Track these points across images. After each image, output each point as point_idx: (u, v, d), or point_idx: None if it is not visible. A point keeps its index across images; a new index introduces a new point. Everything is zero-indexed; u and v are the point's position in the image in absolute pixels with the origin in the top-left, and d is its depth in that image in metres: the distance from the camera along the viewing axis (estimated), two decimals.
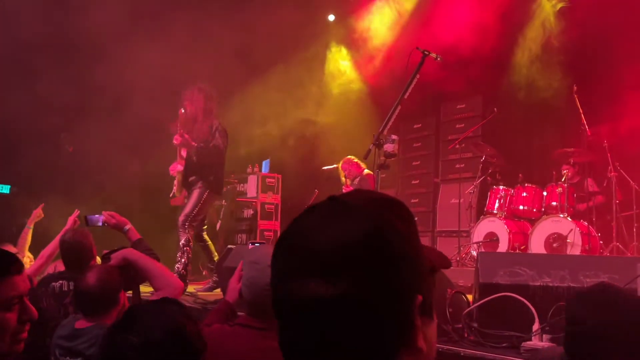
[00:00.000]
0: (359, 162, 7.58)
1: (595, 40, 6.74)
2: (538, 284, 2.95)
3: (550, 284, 2.94)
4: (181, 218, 5.87)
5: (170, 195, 6.25)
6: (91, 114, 7.80)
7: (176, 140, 5.95)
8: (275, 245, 0.89)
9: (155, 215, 7.30)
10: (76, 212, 4.72)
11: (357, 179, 7.47)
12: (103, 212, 3.89)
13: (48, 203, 5.74)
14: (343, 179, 7.75)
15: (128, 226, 3.91)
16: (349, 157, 7.69)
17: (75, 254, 3.76)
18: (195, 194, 5.94)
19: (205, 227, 6.31)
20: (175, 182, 6.13)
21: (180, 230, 5.83)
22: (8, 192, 7.86)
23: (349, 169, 7.61)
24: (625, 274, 2.70)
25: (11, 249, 4.79)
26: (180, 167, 6.05)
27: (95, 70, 7.41)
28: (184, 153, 6.03)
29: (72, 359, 2.80)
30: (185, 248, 5.76)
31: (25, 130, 7.58)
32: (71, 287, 3.62)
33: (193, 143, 5.92)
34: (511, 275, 2.97)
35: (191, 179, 6.04)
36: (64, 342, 2.85)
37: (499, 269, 3.03)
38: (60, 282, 3.67)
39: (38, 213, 5.46)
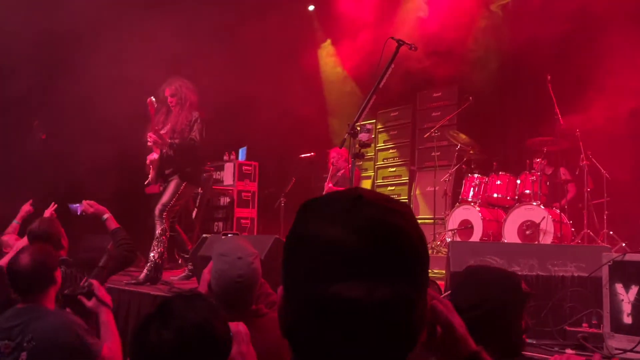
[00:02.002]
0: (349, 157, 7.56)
1: (569, 30, 6.80)
2: None
3: (520, 273, 2.98)
4: (158, 208, 5.83)
5: (145, 182, 6.20)
6: (65, 100, 7.68)
7: (150, 139, 5.88)
8: (300, 245, 0.87)
9: (130, 202, 7.25)
10: (53, 206, 4.66)
11: (342, 172, 7.46)
12: (83, 201, 3.87)
13: (20, 193, 5.66)
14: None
15: (106, 215, 3.90)
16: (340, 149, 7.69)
17: (42, 243, 3.71)
18: (172, 185, 5.91)
19: (176, 218, 6.24)
20: (151, 171, 6.08)
21: (157, 220, 5.80)
22: None
23: (337, 158, 7.57)
24: (591, 263, 2.75)
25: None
26: (155, 156, 6.00)
27: (72, 59, 7.29)
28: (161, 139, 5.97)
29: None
30: (161, 237, 5.74)
31: None
32: None
33: (168, 140, 5.86)
34: (482, 264, 3.00)
35: (168, 171, 5.99)
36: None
37: (469, 258, 3.06)
38: None
39: (27, 209, 5.34)
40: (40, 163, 7.76)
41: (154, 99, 5.80)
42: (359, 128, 4.41)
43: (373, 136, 4.48)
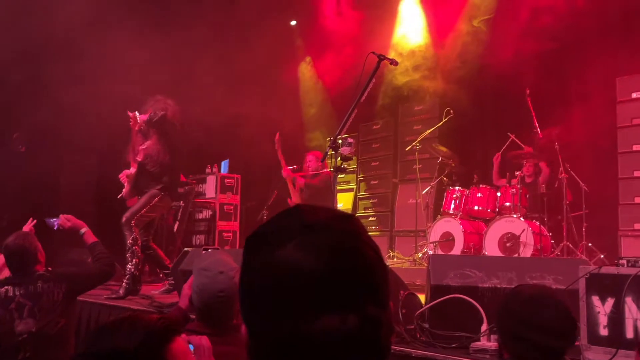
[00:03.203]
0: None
1: (550, 45, 6.92)
2: (487, 285, 3.02)
3: (499, 286, 3.01)
4: (126, 215, 5.69)
5: (119, 196, 6.09)
6: (45, 113, 7.62)
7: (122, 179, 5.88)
8: (260, 279, 0.87)
9: (109, 216, 7.18)
10: (31, 222, 4.57)
11: (317, 177, 7.42)
12: (60, 216, 3.83)
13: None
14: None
15: (84, 229, 3.87)
16: (318, 152, 7.67)
17: (18, 258, 3.66)
18: (147, 195, 5.83)
19: (151, 236, 6.15)
20: (126, 184, 5.99)
21: (125, 228, 5.66)
22: None
23: (314, 160, 7.52)
24: (568, 276, 2.79)
25: None
26: (132, 170, 5.90)
27: (53, 71, 7.24)
28: (139, 157, 5.87)
29: None
30: (133, 247, 5.63)
31: None
32: (17, 293, 3.55)
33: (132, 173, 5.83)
34: (461, 277, 3.03)
35: (144, 184, 5.92)
36: None
37: (449, 270, 3.09)
38: (6, 287, 3.58)
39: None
40: (19, 176, 7.67)
41: (137, 114, 5.72)
42: (340, 141, 4.44)
43: (355, 149, 4.49)
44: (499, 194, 7.13)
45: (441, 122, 8.11)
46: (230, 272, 2.64)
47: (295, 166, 8.24)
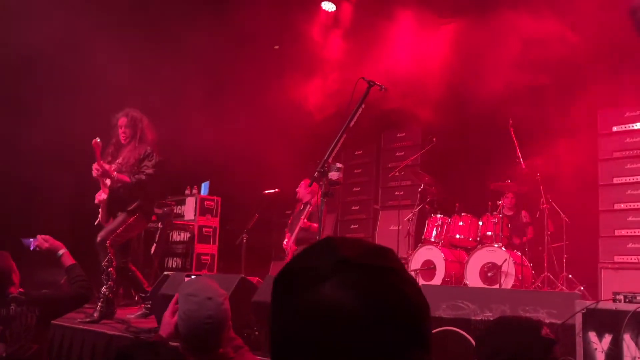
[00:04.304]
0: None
1: (533, 77, 7.00)
2: (479, 318, 2.96)
3: (492, 318, 2.95)
4: (101, 234, 5.51)
5: (96, 222, 5.90)
6: (20, 130, 7.45)
7: (94, 172, 5.56)
8: (297, 323, 0.81)
9: (84, 237, 6.99)
10: None
11: (310, 207, 7.35)
12: (38, 236, 3.68)
13: None
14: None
15: (62, 251, 3.73)
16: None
17: None
18: (122, 216, 5.67)
19: (129, 257, 5.98)
20: (101, 210, 5.81)
21: (100, 248, 5.48)
22: None
23: (305, 193, 7.45)
24: (563, 310, 2.74)
25: None
26: (104, 196, 5.73)
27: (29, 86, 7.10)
28: (107, 181, 5.68)
29: None
30: (108, 269, 5.45)
31: None
32: None
33: (113, 174, 5.53)
34: (453, 308, 2.97)
35: (117, 207, 5.73)
36: None
37: (441, 302, 3.03)
38: None
39: None
40: None
41: (99, 140, 5.44)
42: (326, 168, 4.39)
43: (342, 175, 4.45)
44: (480, 222, 7.13)
45: (424, 150, 8.12)
46: (219, 299, 2.57)
47: (277, 189, 8.18)
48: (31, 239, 3.88)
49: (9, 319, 3.40)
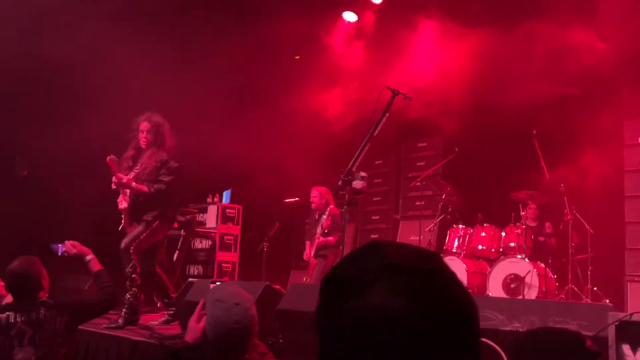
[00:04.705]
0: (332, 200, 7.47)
1: (559, 87, 6.95)
2: (508, 328, 2.93)
3: (520, 329, 2.92)
4: (125, 241, 5.54)
5: (119, 228, 5.93)
6: (46, 138, 7.56)
7: (113, 186, 5.60)
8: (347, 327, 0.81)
9: (109, 244, 7.06)
10: None
11: (325, 216, 7.36)
12: (66, 242, 3.73)
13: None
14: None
15: (89, 257, 3.78)
16: (323, 187, 7.60)
17: (19, 283, 3.55)
18: (144, 222, 5.68)
19: (156, 262, 6.00)
20: (123, 216, 5.84)
21: (124, 255, 5.52)
22: None
23: (318, 197, 7.46)
24: (594, 322, 2.71)
25: None
26: (125, 204, 5.75)
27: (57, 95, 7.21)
28: (127, 190, 5.69)
29: None
30: (132, 275, 5.50)
31: None
32: (18, 319, 3.43)
33: (132, 185, 5.56)
34: (482, 319, 2.94)
35: (139, 213, 5.74)
36: None
37: None
38: (7, 313, 3.47)
39: None
40: (21, 200, 7.57)
41: (114, 156, 5.50)
42: (350, 177, 4.39)
43: (367, 184, 4.44)
44: (503, 233, 7.06)
45: (446, 159, 8.08)
46: (246, 304, 2.59)
47: (297, 198, 8.19)
48: (59, 245, 3.94)
49: (38, 324, 3.44)
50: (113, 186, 5.62)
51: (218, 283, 3.90)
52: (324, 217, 7.35)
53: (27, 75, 7.37)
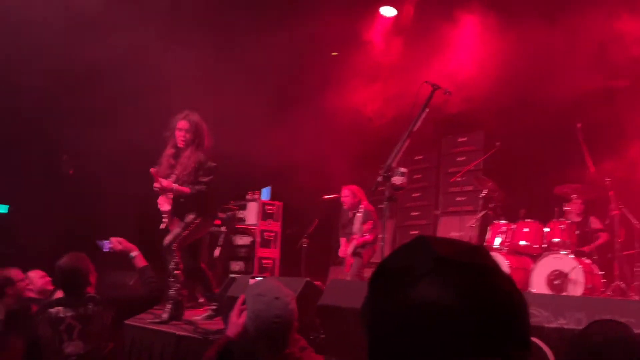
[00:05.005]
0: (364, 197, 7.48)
1: (605, 79, 6.78)
2: (553, 325, 2.87)
3: (566, 326, 2.86)
4: (168, 238, 5.65)
5: (162, 227, 6.02)
6: (92, 137, 7.76)
7: (155, 189, 5.71)
8: (396, 320, 0.82)
9: (152, 242, 7.21)
10: None
11: (360, 213, 7.37)
12: (111, 238, 3.83)
13: (46, 225, 5.65)
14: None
15: (135, 253, 3.87)
16: (354, 186, 7.61)
17: (68, 279, 3.67)
18: (187, 219, 5.77)
19: (199, 257, 6.11)
20: (166, 214, 5.93)
21: (167, 252, 5.62)
22: (6, 211, 7.77)
23: (350, 196, 7.47)
24: None
25: (18, 274, 4.67)
26: (167, 206, 5.81)
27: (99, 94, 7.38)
28: (170, 195, 5.79)
29: None
30: (175, 272, 5.59)
31: (26, 150, 7.51)
32: (67, 314, 3.54)
33: (174, 188, 5.65)
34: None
35: (181, 211, 5.83)
36: None
37: None
38: (57, 308, 3.58)
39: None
40: (68, 198, 7.80)
41: (156, 169, 5.64)
42: (390, 172, 4.38)
43: (407, 179, 4.43)
44: (546, 229, 6.91)
45: (487, 154, 7.96)
46: (286, 299, 2.63)
47: (336, 195, 8.20)
48: (105, 241, 4.04)
49: (87, 318, 3.54)
50: (155, 190, 5.73)
51: (258, 279, 3.95)
52: (358, 214, 7.36)
53: (73, 77, 7.57)
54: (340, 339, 3.87)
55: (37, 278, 4.90)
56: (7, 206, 7.86)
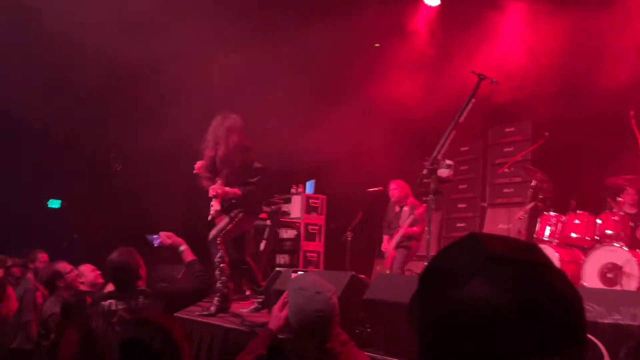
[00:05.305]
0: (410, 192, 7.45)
1: None
2: (608, 321, 2.78)
3: (621, 322, 2.77)
4: (213, 232, 5.74)
5: (209, 218, 6.10)
6: (138, 134, 7.92)
7: (211, 194, 5.81)
8: (450, 318, 0.81)
9: (199, 236, 7.32)
10: None
11: (407, 207, 7.31)
12: (160, 233, 3.91)
13: (97, 220, 5.79)
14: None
15: (183, 247, 3.93)
16: (401, 180, 7.58)
17: (119, 273, 3.76)
18: (232, 213, 5.86)
19: (246, 250, 6.18)
20: (214, 204, 5.99)
21: (212, 246, 5.70)
22: (59, 206, 8.02)
23: (397, 189, 7.45)
24: None
25: (66, 266, 4.82)
26: (217, 206, 5.84)
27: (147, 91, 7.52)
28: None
29: None
30: (221, 265, 5.67)
31: (78, 147, 7.72)
32: (119, 307, 3.62)
33: (228, 192, 5.75)
34: None
35: (228, 207, 5.91)
36: None
37: None
38: (109, 301, 3.67)
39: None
40: (117, 194, 7.99)
41: (201, 165, 5.84)
42: (435, 165, 4.32)
43: (453, 172, 4.37)
44: (599, 221, 6.70)
45: (535, 145, 7.76)
46: (328, 293, 2.64)
47: (380, 187, 8.16)
48: (155, 236, 4.12)
49: (137, 311, 3.62)
50: (210, 195, 5.84)
51: (300, 272, 3.96)
52: (405, 208, 7.31)
53: (121, 76, 7.75)
54: (386, 333, 3.85)
55: (88, 272, 5.04)
56: (60, 201, 8.12)
